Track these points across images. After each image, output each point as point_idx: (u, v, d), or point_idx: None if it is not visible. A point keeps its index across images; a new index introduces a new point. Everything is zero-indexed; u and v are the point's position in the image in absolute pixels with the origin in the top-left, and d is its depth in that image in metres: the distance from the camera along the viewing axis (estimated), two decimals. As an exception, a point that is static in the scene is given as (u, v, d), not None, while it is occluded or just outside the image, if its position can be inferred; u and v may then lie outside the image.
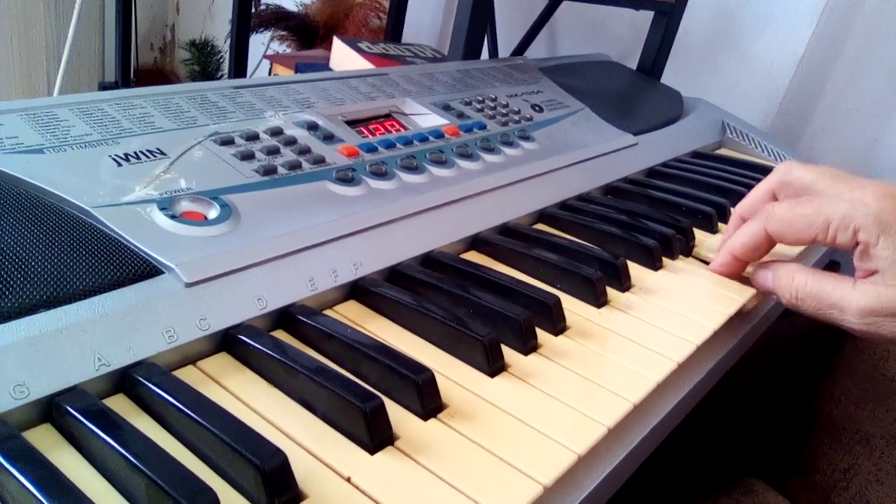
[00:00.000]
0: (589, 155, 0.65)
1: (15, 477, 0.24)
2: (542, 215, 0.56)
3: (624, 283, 0.47)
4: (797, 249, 0.59)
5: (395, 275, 0.43)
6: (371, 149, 0.51)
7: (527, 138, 0.62)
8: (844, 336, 0.75)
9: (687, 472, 0.66)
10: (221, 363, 0.34)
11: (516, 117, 0.65)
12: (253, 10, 1.36)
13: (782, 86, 1.11)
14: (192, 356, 0.34)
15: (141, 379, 0.30)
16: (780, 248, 0.58)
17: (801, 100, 1.10)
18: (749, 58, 1.14)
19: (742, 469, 0.73)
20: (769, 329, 0.54)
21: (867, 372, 0.71)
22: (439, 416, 0.33)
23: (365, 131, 0.54)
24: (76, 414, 0.28)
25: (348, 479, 0.28)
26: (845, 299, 0.42)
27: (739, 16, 1.14)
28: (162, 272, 0.35)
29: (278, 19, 1.56)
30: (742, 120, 0.91)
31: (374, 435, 0.30)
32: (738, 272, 0.51)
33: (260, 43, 1.66)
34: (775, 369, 0.75)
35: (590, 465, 0.32)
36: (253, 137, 0.47)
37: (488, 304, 0.40)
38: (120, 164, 0.41)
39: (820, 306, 0.44)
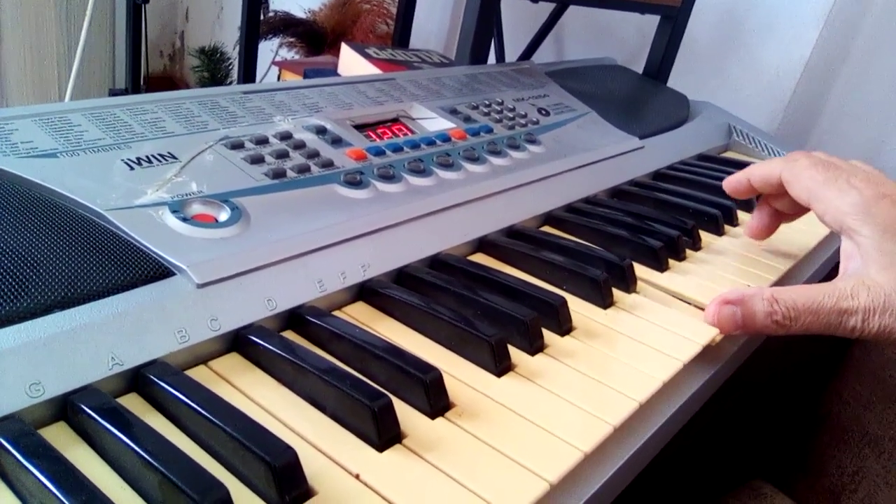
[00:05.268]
0: (595, 158, 0.65)
1: (32, 473, 0.25)
2: (549, 218, 0.57)
3: (630, 285, 0.47)
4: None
5: (402, 276, 0.44)
6: (379, 152, 0.52)
7: (533, 142, 0.63)
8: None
9: (694, 474, 0.66)
10: (232, 363, 0.35)
11: (523, 121, 0.66)
12: (262, 17, 1.37)
13: (788, 89, 1.11)
14: (203, 356, 0.34)
15: (154, 378, 0.31)
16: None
17: (807, 103, 1.10)
18: (755, 61, 1.14)
19: (750, 471, 0.73)
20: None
21: (875, 373, 0.70)
22: (447, 414, 0.33)
23: (373, 135, 0.55)
24: (90, 412, 0.28)
25: (357, 476, 0.29)
26: (851, 297, 0.39)
27: (745, 19, 1.14)
28: (174, 273, 0.35)
29: (287, 26, 1.57)
30: (748, 123, 0.91)
31: (383, 433, 0.30)
32: (744, 194, 0.53)
33: (269, 50, 1.67)
34: (783, 370, 0.74)
35: (596, 464, 0.33)
36: (262, 141, 0.48)
37: (495, 305, 0.40)
38: (132, 168, 0.41)
39: (819, 317, 0.39)
